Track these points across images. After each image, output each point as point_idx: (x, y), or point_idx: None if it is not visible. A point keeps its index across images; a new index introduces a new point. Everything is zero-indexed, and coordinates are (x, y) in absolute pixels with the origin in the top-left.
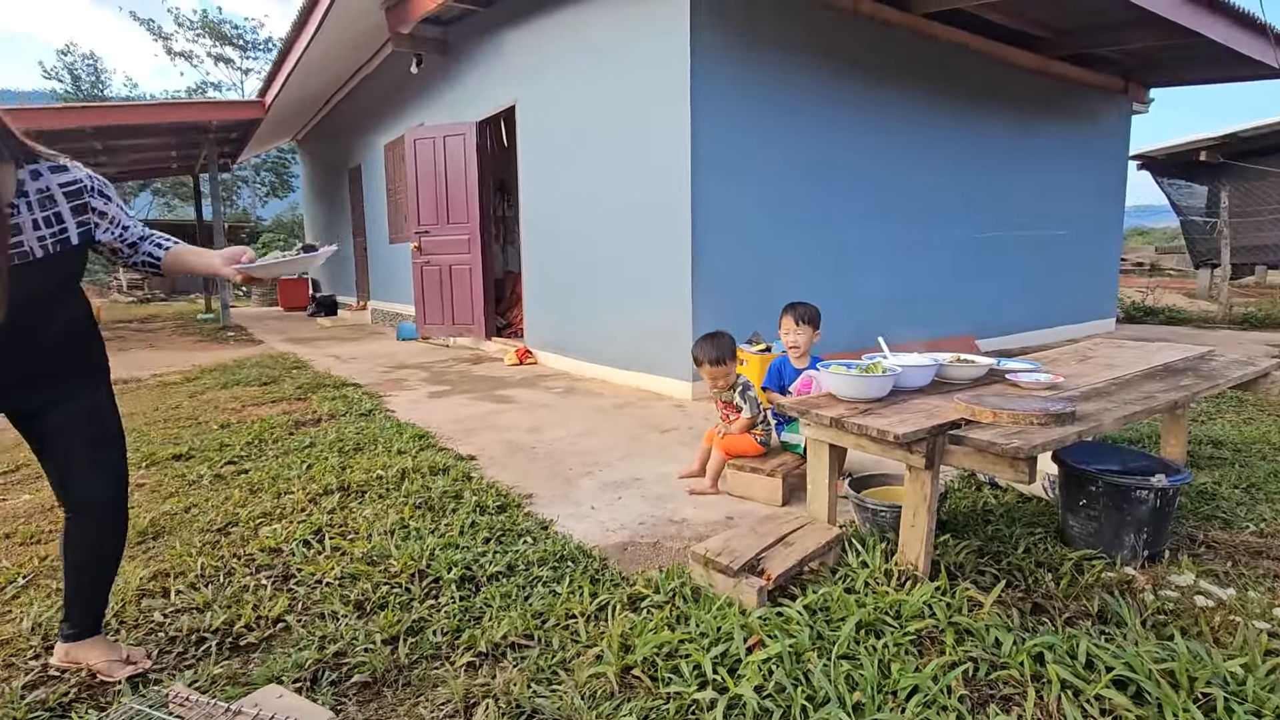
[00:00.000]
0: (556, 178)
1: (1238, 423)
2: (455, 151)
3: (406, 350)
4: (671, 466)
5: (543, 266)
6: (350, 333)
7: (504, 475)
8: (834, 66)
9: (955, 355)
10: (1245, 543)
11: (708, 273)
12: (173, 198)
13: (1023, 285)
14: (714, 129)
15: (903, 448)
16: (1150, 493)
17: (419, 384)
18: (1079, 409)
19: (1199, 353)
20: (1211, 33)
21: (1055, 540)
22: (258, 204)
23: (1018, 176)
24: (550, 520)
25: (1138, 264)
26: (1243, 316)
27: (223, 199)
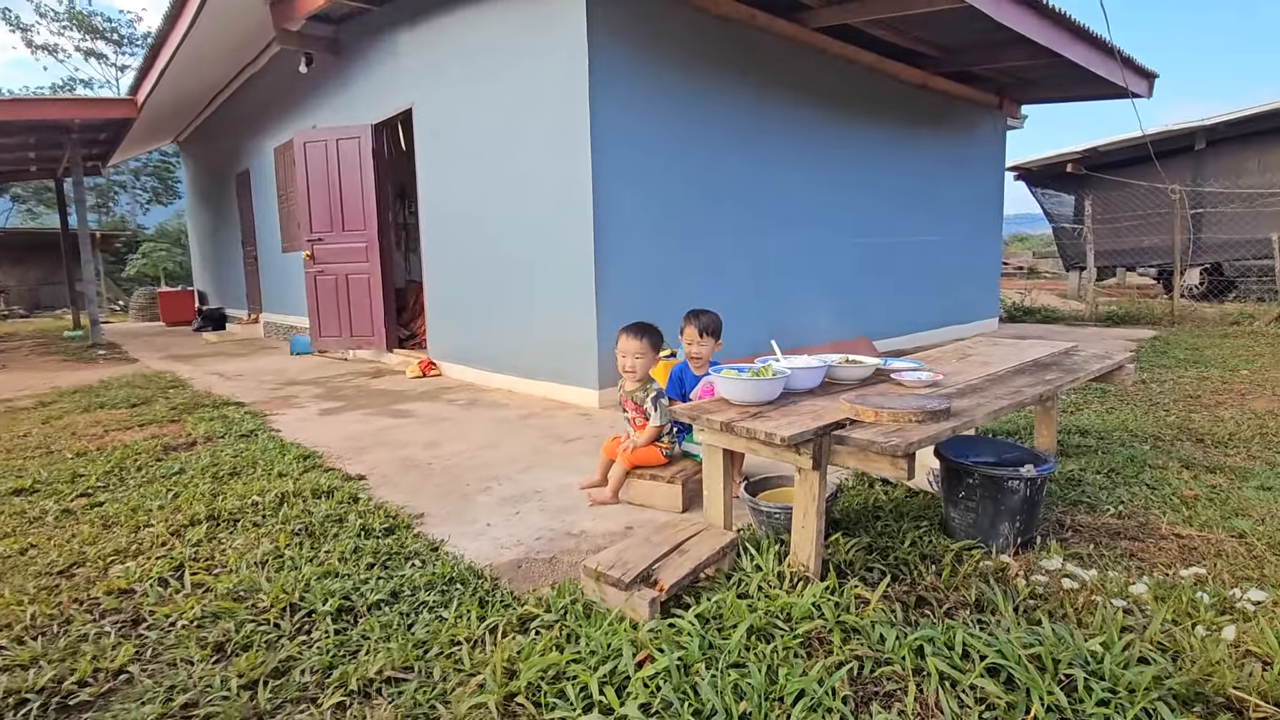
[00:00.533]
0: (456, 183)
1: (1101, 412)
2: (349, 155)
3: (300, 365)
4: (574, 477)
5: (444, 274)
6: (239, 348)
7: (395, 495)
8: (732, 77)
9: (844, 356)
10: (1106, 525)
11: (611, 279)
12: (36, 203)
13: (914, 289)
14: (614, 133)
15: (790, 449)
16: (1021, 483)
17: (310, 401)
18: (955, 405)
19: (1064, 349)
20: (1073, 55)
21: (939, 532)
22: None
23: (906, 186)
24: (441, 540)
25: (1018, 268)
26: (1106, 314)
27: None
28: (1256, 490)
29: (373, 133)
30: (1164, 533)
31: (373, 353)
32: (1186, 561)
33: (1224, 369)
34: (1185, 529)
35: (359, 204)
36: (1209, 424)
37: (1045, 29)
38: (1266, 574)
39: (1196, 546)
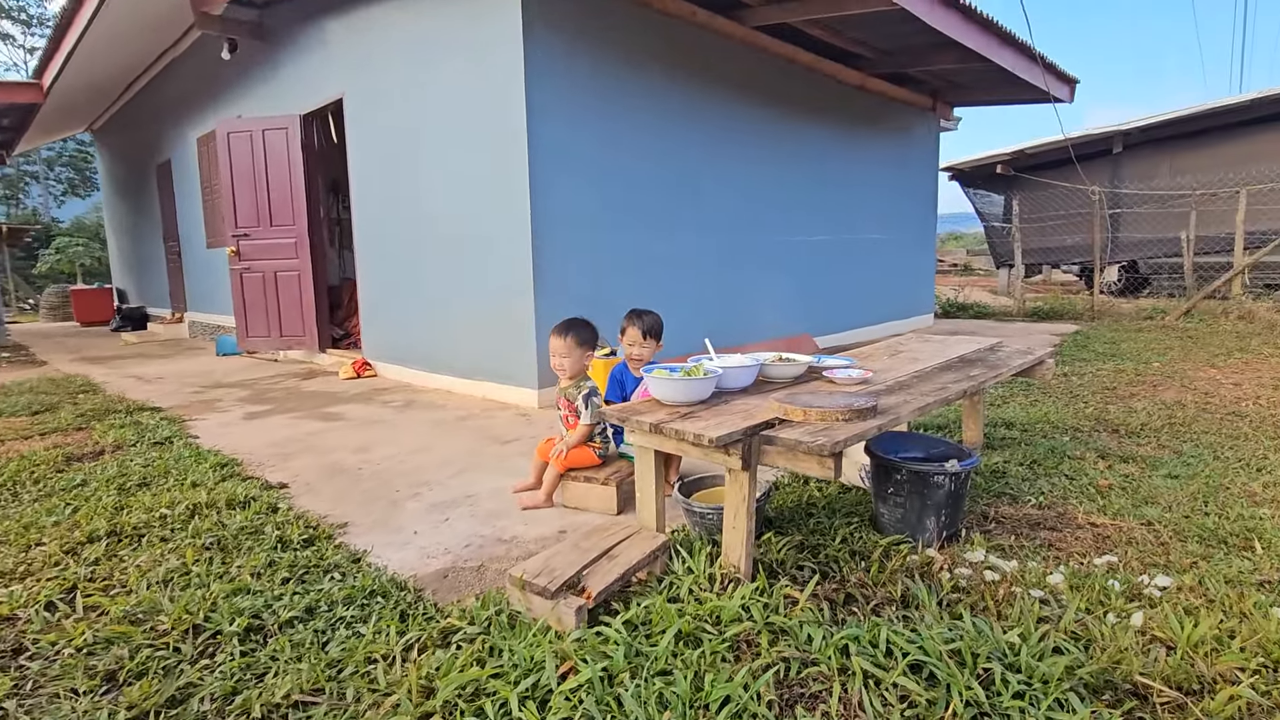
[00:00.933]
0: (390, 177)
1: (1026, 405)
2: (277, 147)
3: (227, 367)
4: (510, 480)
5: (379, 271)
6: (161, 349)
7: (319, 504)
8: (674, 74)
9: (777, 354)
10: (1027, 515)
11: (550, 276)
12: None
13: (854, 286)
14: (552, 130)
15: (720, 450)
16: (945, 478)
17: (234, 405)
18: (882, 402)
19: (989, 345)
20: (1000, 59)
21: (869, 528)
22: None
23: (846, 185)
24: (364, 551)
25: (953, 265)
26: (1033, 310)
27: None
28: (1164, 479)
29: (302, 123)
30: (1080, 522)
31: (305, 353)
32: (1100, 550)
33: (1138, 362)
34: (1100, 518)
35: (288, 198)
36: (1123, 415)
37: (974, 34)
38: (1172, 560)
39: (1109, 535)
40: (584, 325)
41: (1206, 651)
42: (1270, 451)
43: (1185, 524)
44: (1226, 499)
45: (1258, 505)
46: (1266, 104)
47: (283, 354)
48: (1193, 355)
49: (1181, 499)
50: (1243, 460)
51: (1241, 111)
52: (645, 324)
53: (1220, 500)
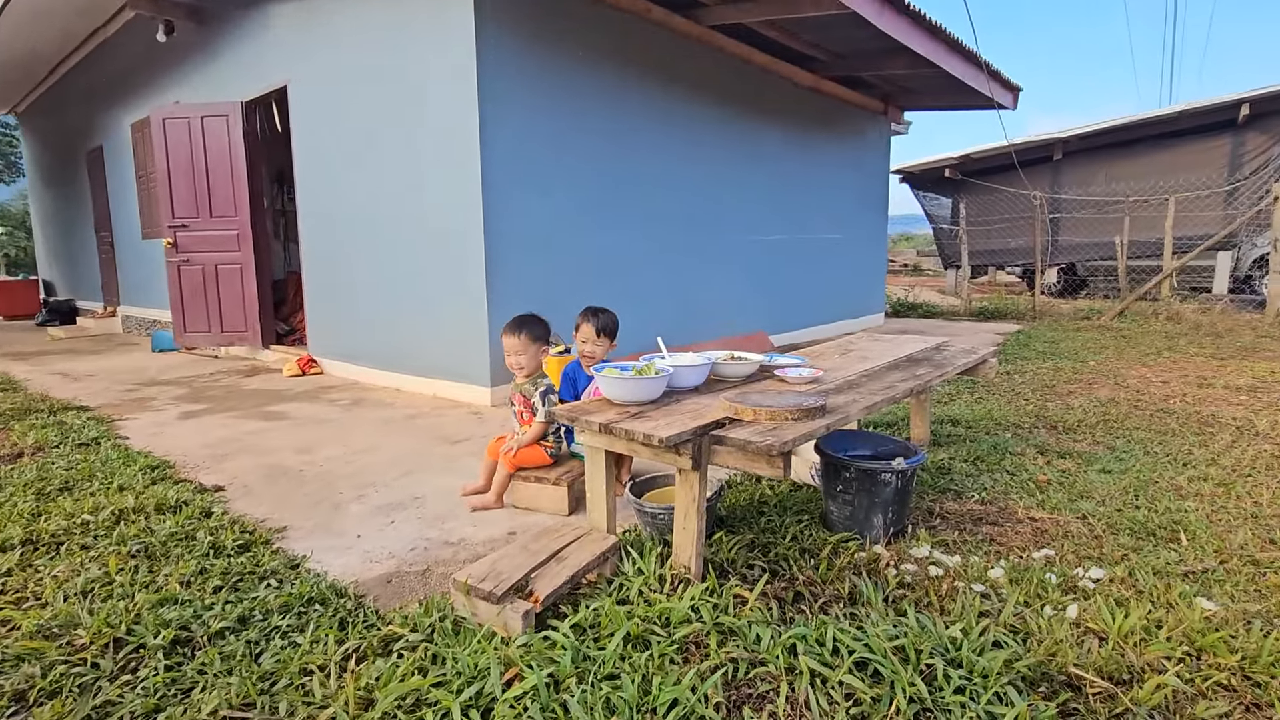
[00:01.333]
0: (337, 168)
1: (971, 402)
2: (217, 135)
3: (163, 363)
4: (459, 480)
5: (325, 266)
6: (92, 345)
7: (257, 507)
8: (630, 71)
9: (729, 353)
10: (971, 511)
11: (503, 272)
12: None
13: (808, 285)
14: (505, 126)
15: (670, 450)
16: (892, 475)
17: (169, 403)
18: (831, 401)
19: (936, 344)
20: (949, 66)
21: (819, 526)
22: None
23: (800, 186)
24: (303, 556)
25: (904, 265)
26: (979, 309)
27: None
28: (1099, 474)
29: (243, 111)
30: (1020, 517)
31: (247, 350)
32: (1039, 543)
33: (1075, 360)
34: (1038, 512)
35: (229, 188)
36: (1061, 412)
37: (923, 39)
38: (1105, 552)
39: (1047, 529)
40: (536, 321)
41: (1136, 642)
42: (1195, 447)
43: (1118, 517)
44: (1155, 493)
45: (1184, 499)
46: (1191, 116)
47: (224, 350)
48: (1125, 354)
49: (1114, 493)
50: (1170, 455)
51: (1170, 123)
52: (600, 322)
53: (1150, 494)
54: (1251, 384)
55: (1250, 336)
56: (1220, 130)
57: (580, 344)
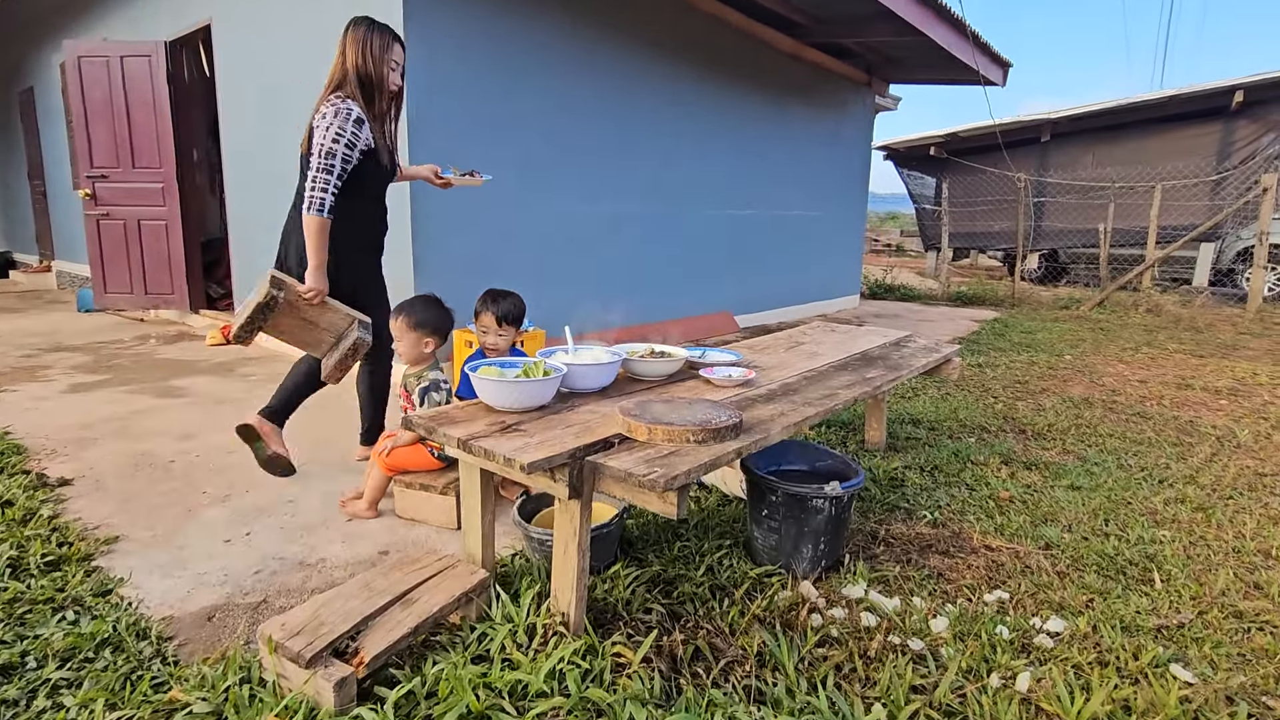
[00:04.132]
0: (263, 120)
1: (936, 399)
2: (139, 77)
3: (82, 326)
4: (352, 479)
5: (251, 225)
6: (17, 302)
7: (98, 508)
8: (584, 24)
9: (649, 348)
10: (920, 536)
11: (433, 243)
12: None
13: (778, 263)
14: (439, 79)
15: (545, 474)
16: (825, 502)
17: (64, 373)
18: (752, 415)
19: (895, 339)
20: (935, 35)
21: (742, 553)
22: None
23: (773, 158)
24: (120, 579)
25: (886, 245)
26: (957, 294)
27: None
28: (1066, 490)
29: (167, 51)
30: (975, 545)
31: (175, 313)
32: (993, 581)
33: (1051, 354)
34: (996, 539)
35: (153, 137)
36: (1032, 414)
37: (910, 4)
38: (1067, 596)
39: (1004, 563)
40: (426, 305)
41: None
42: (1172, 460)
43: (1085, 549)
44: (1128, 516)
45: (1158, 525)
46: (1180, 102)
47: (151, 313)
48: (1103, 348)
49: (1082, 516)
50: (1145, 470)
51: (1159, 108)
52: (501, 308)
53: (1121, 518)
54: (1232, 386)
55: (1230, 333)
56: (1211, 117)
57: (481, 334)
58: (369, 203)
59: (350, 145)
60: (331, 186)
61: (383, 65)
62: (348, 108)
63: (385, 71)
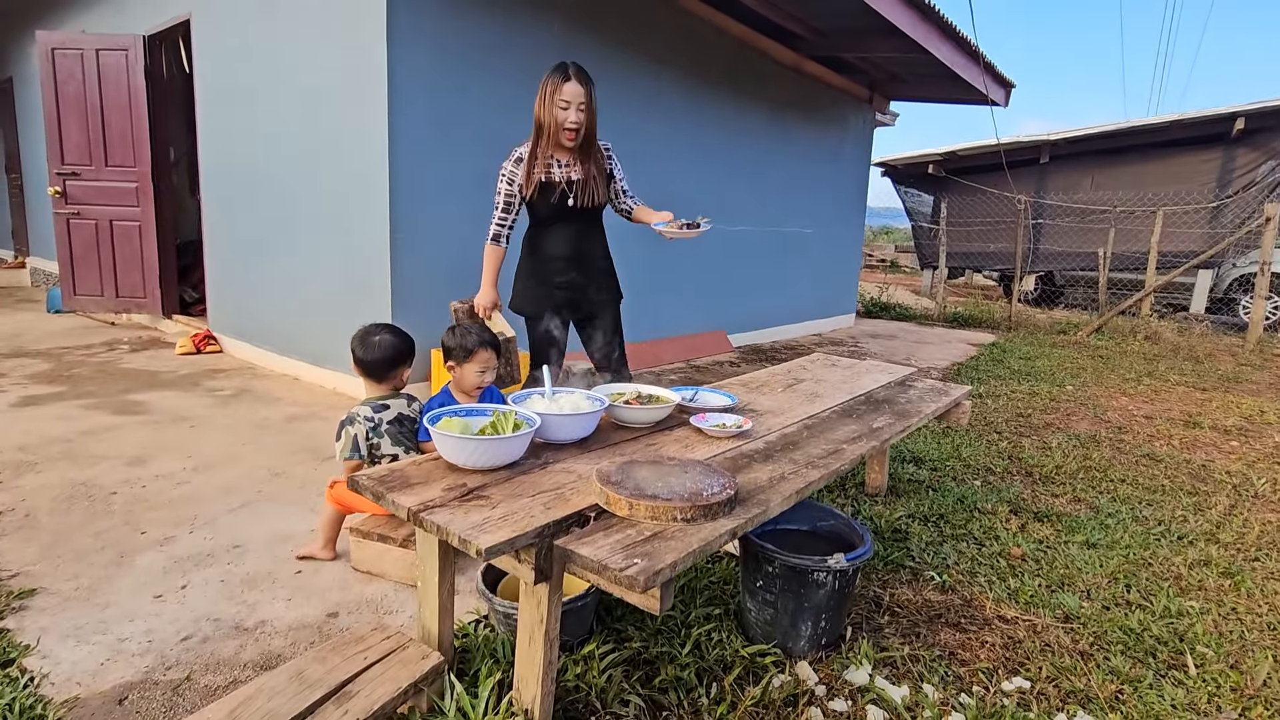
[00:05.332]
0: (240, 119)
1: (938, 434)
2: (114, 72)
3: (49, 328)
4: (304, 519)
5: (224, 228)
6: None
7: (22, 550)
8: (576, 30)
9: (636, 391)
10: (928, 603)
11: (411, 253)
12: None
13: (774, 281)
14: (421, 75)
15: (510, 555)
16: (829, 575)
17: (17, 383)
18: (749, 479)
19: (901, 377)
20: (939, 52)
21: (734, 625)
22: None
23: (770, 172)
24: (27, 646)
25: (880, 260)
26: (953, 315)
27: None
28: (1082, 547)
29: (145, 46)
30: (988, 615)
31: (148, 318)
32: (1010, 663)
33: (1052, 384)
34: (1010, 608)
35: (128, 135)
36: (1038, 453)
37: (913, 19)
38: (1093, 684)
39: (1021, 639)
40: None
41: None
42: (1190, 512)
43: (1107, 622)
44: (1150, 582)
45: (1184, 593)
46: (1181, 127)
47: (123, 317)
48: (1104, 378)
49: (1101, 580)
50: (1163, 524)
51: (1160, 132)
52: (490, 339)
53: (1143, 584)
54: (1240, 425)
55: (1231, 364)
56: (1212, 143)
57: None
58: (547, 234)
59: (510, 182)
60: (495, 218)
61: (552, 106)
62: (517, 150)
63: (555, 111)
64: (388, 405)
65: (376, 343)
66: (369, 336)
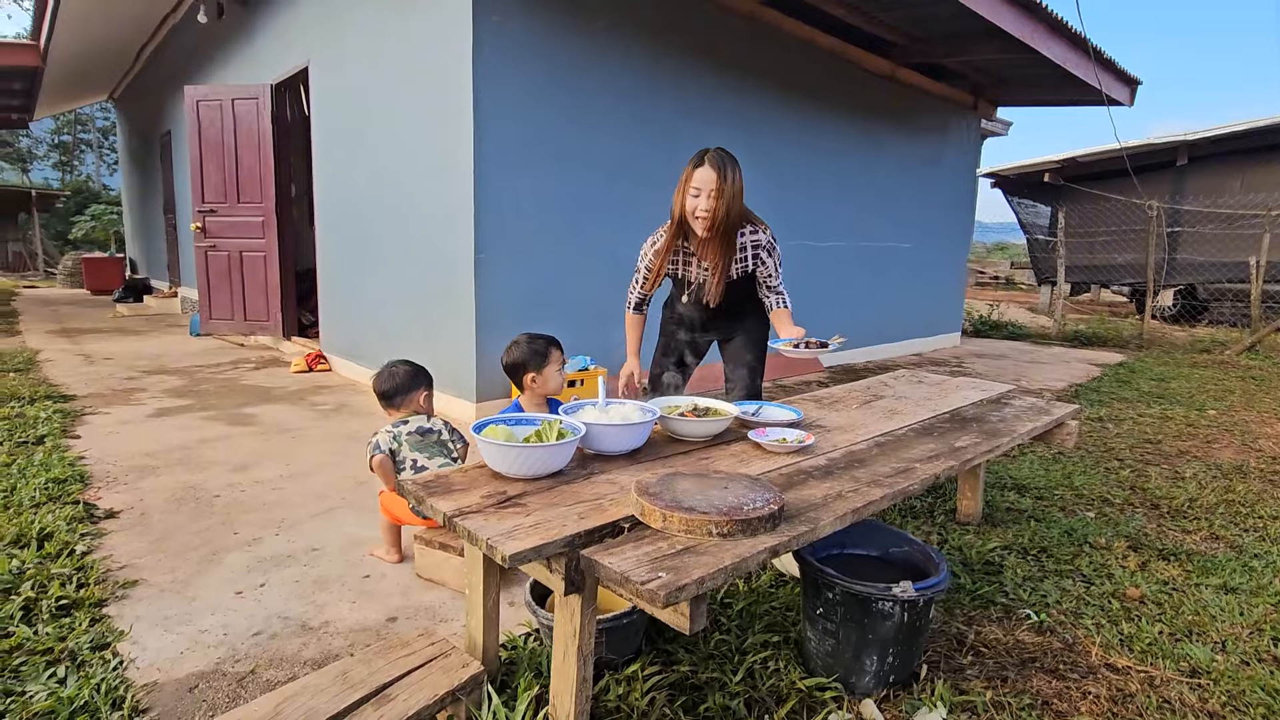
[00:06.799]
0: (347, 157)
1: (1046, 460)
2: (246, 118)
3: (186, 349)
4: None
5: (336, 257)
6: (144, 324)
7: (133, 546)
8: (660, 52)
9: (692, 404)
10: (1020, 644)
11: (497, 274)
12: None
13: (867, 299)
14: (504, 110)
15: (541, 563)
16: (895, 605)
17: (154, 397)
18: (801, 495)
19: (997, 394)
20: (1048, 52)
21: (794, 654)
22: (104, 171)
23: (862, 185)
24: (121, 633)
25: (994, 277)
26: (1074, 333)
27: (61, 164)
28: (1217, 592)
29: (272, 93)
30: (1094, 662)
31: (271, 339)
32: (1118, 719)
33: (1189, 407)
34: (1122, 656)
35: (256, 174)
36: (1167, 484)
37: (1018, 19)
38: None
39: (1134, 693)
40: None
41: None
42: None
43: (1245, 680)
44: None
45: None
46: None
47: (250, 339)
48: (1257, 402)
49: (1241, 631)
50: None
51: None
52: (553, 343)
53: None
54: None
55: None
56: None
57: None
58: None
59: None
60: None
61: (684, 194)
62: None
63: (686, 199)
64: (406, 421)
65: (388, 374)
66: (384, 370)
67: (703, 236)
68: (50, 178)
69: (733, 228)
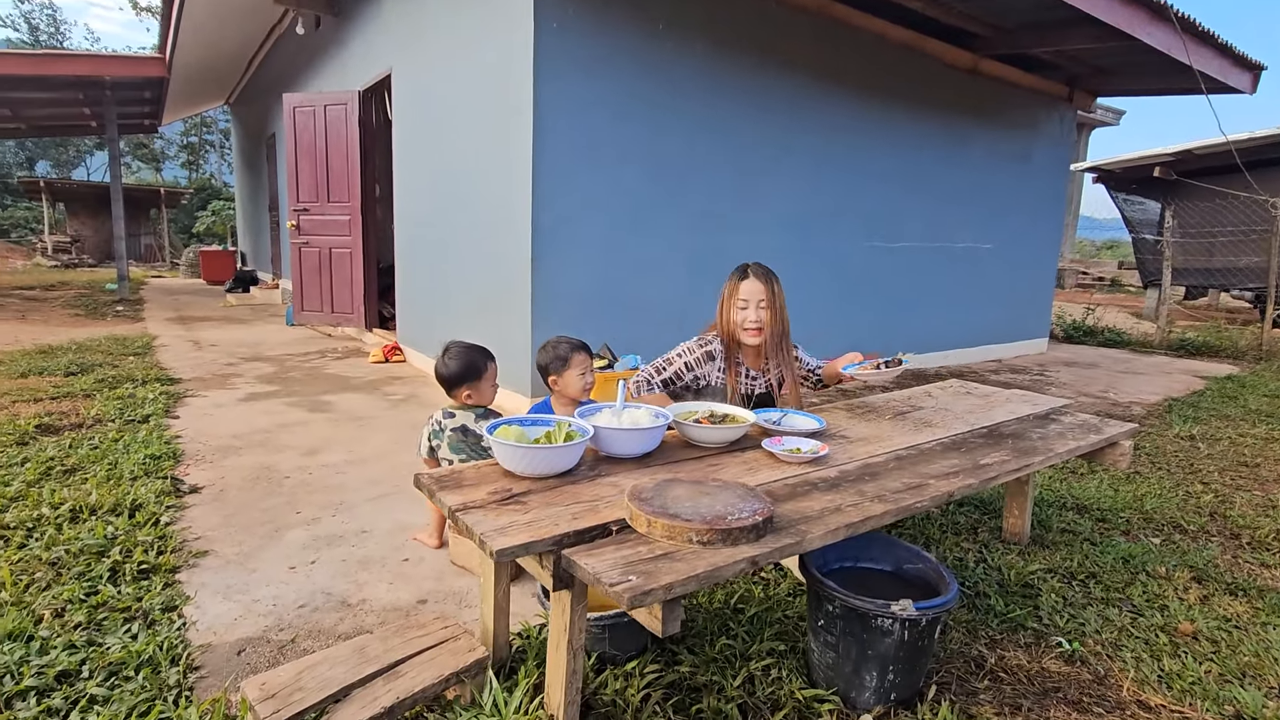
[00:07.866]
0: (424, 159)
1: (1116, 479)
2: (336, 123)
3: (281, 338)
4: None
5: (411, 254)
6: (249, 314)
7: (209, 519)
8: (726, 50)
9: (709, 410)
10: (1044, 672)
11: (550, 275)
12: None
13: (946, 301)
14: (564, 113)
15: (533, 558)
16: (894, 623)
17: (248, 382)
18: (797, 507)
19: (1045, 409)
20: (1150, 39)
21: (798, 666)
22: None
23: (940, 184)
24: (188, 598)
25: (1098, 279)
26: (1180, 342)
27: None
28: None
29: (360, 99)
30: (1124, 697)
31: (355, 330)
32: None
33: None
34: (1157, 694)
35: (344, 175)
36: (1254, 511)
37: (1111, 5)
38: None
39: None
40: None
41: None
42: None
43: None
44: None
45: None
46: None
47: (337, 329)
48: None
49: None
50: None
51: None
52: (580, 345)
53: None
54: None
55: None
56: None
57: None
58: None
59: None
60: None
61: (731, 308)
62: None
63: (734, 313)
64: (454, 414)
65: (444, 359)
66: (443, 353)
67: (752, 345)
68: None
69: (784, 336)
